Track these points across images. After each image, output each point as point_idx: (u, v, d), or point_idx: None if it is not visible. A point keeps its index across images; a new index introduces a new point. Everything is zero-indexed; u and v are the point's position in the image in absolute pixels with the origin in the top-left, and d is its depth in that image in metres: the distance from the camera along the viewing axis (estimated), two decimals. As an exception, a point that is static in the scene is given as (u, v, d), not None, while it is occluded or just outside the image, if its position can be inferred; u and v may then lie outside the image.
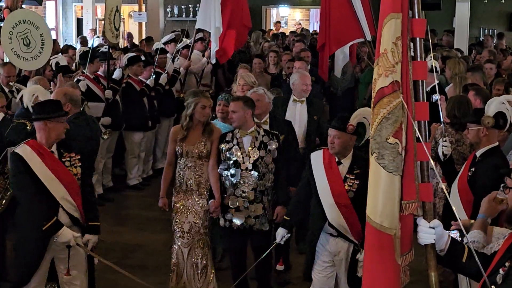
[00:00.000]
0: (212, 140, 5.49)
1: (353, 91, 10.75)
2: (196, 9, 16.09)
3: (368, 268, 3.34)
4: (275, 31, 17.05)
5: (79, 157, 4.74)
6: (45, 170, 4.53)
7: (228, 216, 5.43)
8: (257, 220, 5.36)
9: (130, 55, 9.37)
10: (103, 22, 9.51)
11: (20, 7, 9.54)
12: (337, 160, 4.83)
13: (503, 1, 17.11)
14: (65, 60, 8.66)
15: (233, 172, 5.36)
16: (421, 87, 3.23)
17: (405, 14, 3.17)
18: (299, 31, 16.27)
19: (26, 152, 4.52)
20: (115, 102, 8.74)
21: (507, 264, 2.90)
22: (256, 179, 5.34)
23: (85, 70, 8.44)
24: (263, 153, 5.36)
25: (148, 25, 15.78)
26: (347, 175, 4.78)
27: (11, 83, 7.31)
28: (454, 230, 3.70)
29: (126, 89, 9.02)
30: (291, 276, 6.26)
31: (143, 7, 16.20)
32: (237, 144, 5.40)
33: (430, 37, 5.08)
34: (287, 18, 20.77)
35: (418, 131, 3.15)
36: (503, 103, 4.74)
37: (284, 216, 5.18)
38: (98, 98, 8.43)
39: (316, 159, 4.91)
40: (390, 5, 3.15)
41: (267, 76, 9.53)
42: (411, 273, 3.79)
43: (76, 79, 8.27)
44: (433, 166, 4.43)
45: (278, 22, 19.31)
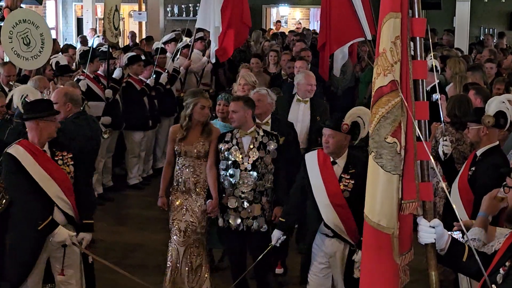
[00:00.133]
0: (210, 140, 5.47)
1: (353, 90, 10.75)
2: (196, 8, 16.07)
3: (366, 267, 3.33)
4: (275, 30, 17.04)
5: (71, 155, 4.74)
6: (39, 169, 4.52)
7: (227, 216, 5.42)
8: (255, 221, 5.34)
9: (130, 55, 9.38)
10: (103, 21, 9.51)
11: (19, 6, 9.54)
12: (332, 160, 4.78)
13: (503, 0, 17.11)
14: (65, 60, 8.66)
15: (232, 172, 5.35)
16: (421, 86, 3.22)
17: (405, 13, 3.16)
18: (299, 31, 16.27)
19: (19, 152, 4.51)
20: (115, 102, 8.74)
21: (507, 263, 2.89)
22: (255, 180, 5.32)
23: (85, 70, 8.45)
24: (262, 154, 5.34)
25: (148, 25, 15.77)
26: (342, 175, 4.73)
27: (11, 83, 7.30)
28: (456, 231, 3.69)
29: (126, 89, 9.02)
30: (291, 275, 6.23)
31: (143, 7, 16.19)
32: (237, 144, 5.38)
33: (430, 36, 5.08)
34: (287, 17, 20.78)
35: (418, 131, 3.15)
36: (504, 102, 4.74)
37: (280, 218, 5.13)
38: (98, 97, 8.43)
39: (311, 159, 4.86)
40: (390, 4, 3.14)
41: (266, 75, 9.50)
42: (411, 273, 3.78)
43: (76, 78, 8.27)
44: (434, 165, 4.43)
45: (278, 22, 19.30)
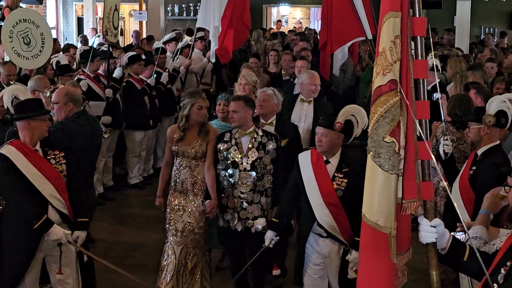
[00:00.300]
0: (208, 140, 5.42)
1: (354, 89, 10.75)
2: (197, 8, 16.07)
3: (363, 267, 3.32)
4: (276, 30, 17.01)
5: (63, 154, 4.74)
6: (32, 168, 4.52)
7: (227, 216, 5.41)
8: (255, 222, 5.31)
9: (131, 54, 9.37)
10: (102, 21, 9.51)
11: (19, 6, 9.54)
12: (325, 159, 4.74)
13: (504, 0, 17.09)
14: (65, 59, 8.66)
15: (231, 172, 5.34)
16: (422, 85, 3.22)
17: (405, 13, 3.16)
18: (301, 30, 16.26)
19: (11, 152, 4.50)
20: (115, 101, 8.74)
21: (508, 263, 2.88)
22: (255, 180, 5.30)
23: (86, 69, 8.45)
24: (261, 154, 5.32)
25: (149, 24, 15.76)
26: (336, 174, 4.69)
27: (11, 82, 7.29)
28: (459, 232, 3.68)
29: (127, 88, 9.02)
30: (291, 276, 6.21)
31: (144, 6, 16.19)
32: (236, 144, 5.36)
33: (431, 35, 5.06)
34: (288, 17, 20.78)
35: (419, 130, 3.15)
36: (504, 101, 4.73)
37: (273, 219, 5.09)
38: (98, 97, 8.43)
39: (304, 159, 4.83)
40: (389, 4, 3.13)
41: (264, 75, 9.46)
42: (412, 272, 3.77)
43: (77, 78, 8.26)
44: (435, 165, 4.41)
45: (279, 21, 19.31)
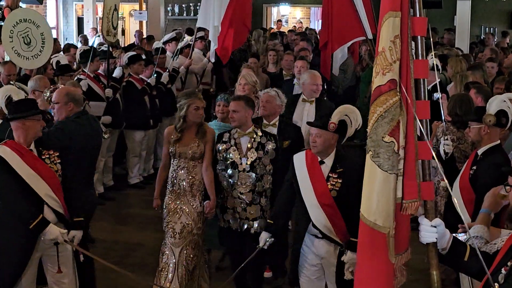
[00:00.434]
0: (205, 141, 5.39)
1: (354, 89, 10.75)
2: (197, 7, 16.07)
3: (361, 266, 3.31)
4: (276, 29, 17.01)
5: (58, 154, 4.74)
6: (27, 168, 4.52)
7: (227, 217, 5.41)
8: (256, 223, 5.31)
9: (131, 54, 9.37)
10: (101, 20, 9.50)
11: (18, 5, 9.53)
12: (319, 159, 4.71)
13: (504, -1, 17.12)
14: (65, 59, 8.65)
15: (230, 172, 5.33)
16: (422, 85, 3.22)
17: (406, 13, 3.15)
18: (301, 30, 16.25)
19: (5, 153, 4.49)
20: (115, 101, 8.73)
21: (509, 263, 2.88)
22: (254, 181, 5.29)
23: (86, 69, 8.45)
24: (260, 154, 5.30)
25: (149, 24, 15.76)
26: (330, 174, 4.65)
27: (11, 82, 7.30)
28: (461, 233, 3.67)
29: (127, 88, 9.02)
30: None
31: (144, 6, 16.19)
32: (235, 144, 5.35)
33: (431, 35, 5.06)
34: (288, 16, 20.78)
35: (419, 130, 3.14)
36: (505, 101, 4.72)
37: (268, 220, 5.06)
38: (99, 97, 8.42)
39: (299, 160, 4.80)
40: (389, 3, 3.13)
41: (264, 75, 9.45)
42: (412, 272, 3.78)
43: (77, 78, 8.26)
44: (438, 164, 4.42)
45: (279, 21, 19.29)
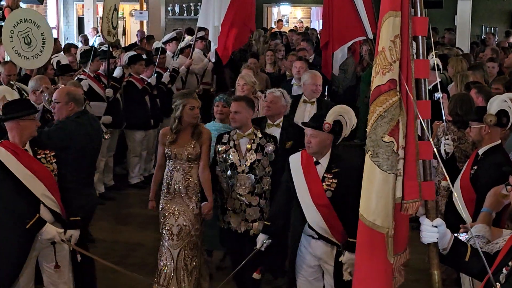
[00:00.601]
0: (201, 142, 5.33)
1: (354, 89, 10.75)
2: (197, 7, 16.06)
3: (359, 266, 3.31)
4: (277, 29, 17.00)
5: (53, 153, 4.74)
6: (23, 169, 4.51)
7: (227, 218, 5.40)
8: (254, 224, 5.30)
9: (131, 54, 9.37)
10: (101, 20, 9.50)
11: (19, 5, 9.54)
12: (315, 160, 4.70)
13: (505, -1, 17.12)
14: (66, 59, 8.65)
15: (230, 174, 5.32)
16: (423, 85, 3.22)
17: (406, 12, 3.15)
18: (302, 30, 16.24)
19: (1, 153, 4.49)
20: (116, 101, 8.73)
21: (510, 263, 2.88)
22: (253, 182, 5.28)
23: (86, 69, 8.45)
24: (260, 156, 5.29)
25: (149, 24, 15.76)
26: (325, 175, 4.63)
27: (12, 82, 7.30)
28: (462, 233, 3.67)
29: (127, 88, 9.01)
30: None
31: (144, 6, 16.19)
32: (234, 146, 5.34)
33: (432, 35, 5.06)
34: (288, 16, 20.77)
35: (420, 129, 3.14)
36: (506, 101, 4.72)
37: (265, 222, 5.04)
38: (99, 96, 8.43)
39: (294, 161, 4.79)
40: (389, 3, 3.12)
41: (263, 74, 9.42)
42: (412, 272, 3.78)
43: (77, 77, 8.26)
44: (440, 164, 4.41)
45: (280, 21, 19.27)
